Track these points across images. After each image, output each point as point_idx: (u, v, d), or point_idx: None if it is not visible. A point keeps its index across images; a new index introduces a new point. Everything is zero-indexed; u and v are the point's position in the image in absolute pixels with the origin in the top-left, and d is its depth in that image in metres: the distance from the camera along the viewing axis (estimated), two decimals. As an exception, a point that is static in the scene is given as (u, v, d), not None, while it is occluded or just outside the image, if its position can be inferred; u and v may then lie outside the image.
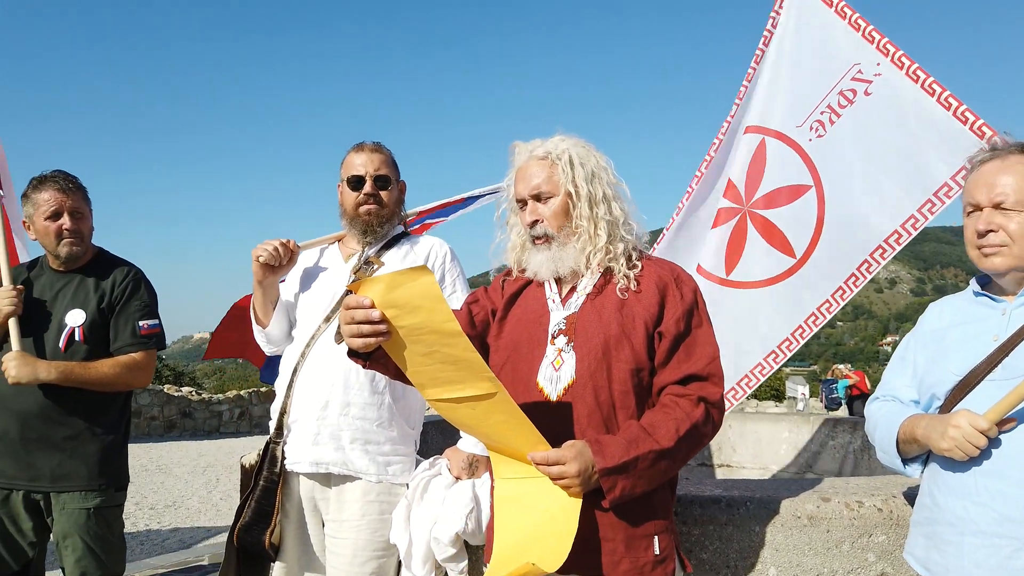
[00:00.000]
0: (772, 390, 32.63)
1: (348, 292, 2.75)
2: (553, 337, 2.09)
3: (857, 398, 19.70)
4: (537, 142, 2.20)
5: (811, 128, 3.77)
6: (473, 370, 1.77)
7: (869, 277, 3.50)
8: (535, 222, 2.14)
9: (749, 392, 3.92)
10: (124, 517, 3.23)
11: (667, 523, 2.06)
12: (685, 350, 2.04)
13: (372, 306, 1.76)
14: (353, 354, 1.96)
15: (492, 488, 2.15)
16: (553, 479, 1.88)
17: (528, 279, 2.25)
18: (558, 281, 2.19)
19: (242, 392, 19.56)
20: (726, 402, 3.95)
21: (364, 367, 2.00)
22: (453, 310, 1.76)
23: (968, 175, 2.09)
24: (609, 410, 2.00)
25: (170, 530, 7.92)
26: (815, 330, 3.70)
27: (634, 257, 2.16)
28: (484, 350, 2.21)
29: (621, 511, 1.94)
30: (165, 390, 17.79)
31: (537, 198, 2.14)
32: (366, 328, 1.77)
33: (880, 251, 3.46)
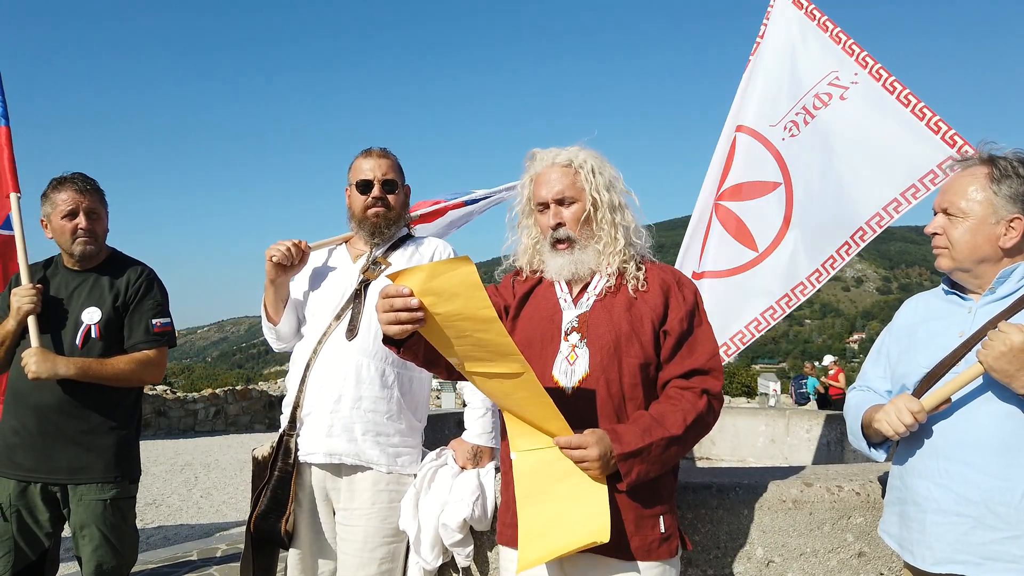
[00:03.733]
0: (743, 387, 33.00)
1: (364, 283, 2.88)
2: (566, 334, 2.26)
3: (836, 399, 19.35)
4: (556, 150, 2.37)
5: (785, 128, 3.92)
6: (504, 352, 1.91)
7: (833, 273, 3.64)
8: (559, 225, 2.30)
9: None
10: None
11: (671, 505, 2.24)
12: (688, 347, 2.23)
13: (411, 294, 1.88)
14: (388, 341, 2.09)
15: (505, 469, 2.30)
16: (575, 462, 2.05)
17: (537, 279, 2.41)
18: (568, 282, 2.35)
19: (217, 391, 19.44)
20: None
21: (398, 354, 2.13)
22: None
23: None
24: (619, 401, 2.18)
25: (155, 528, 7.96)
26: (772, 323, 3.81)
27: (638, 260, 2.35)
28: None
29: (632, 494, 2.12)
30: (140, 389, 17.58)
31: (560, 202, 2.31)
32: (404, 315, 1.89)
33: (846, 247, 3.60)
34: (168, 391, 18.56)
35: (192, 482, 10.97)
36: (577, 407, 2.15)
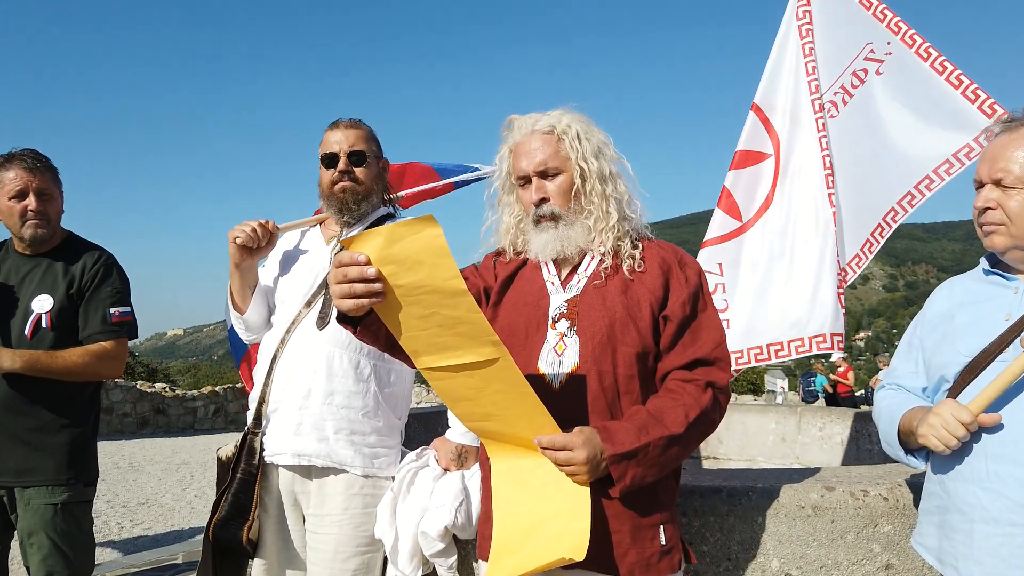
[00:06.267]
0: (750, 384, 32.69)
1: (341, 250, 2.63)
2: (554, 321, 1.99)
3: (846, 398, 19.18)
4: (536, 116, 2.09)
5: (823, 108, 3.75)
6: (476, 333, 1.64)
7: (871, 257, 3.52)
8: (542, 200, 2.03)
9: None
10: (95, 516, 3.08)
11: (672, 513, 1.98)
12: (691, 334, 1.96)
13: (368, 263, 1.61)
14: (343, 319, 1.82)
15: (484, 476, 2.05)
16: (559, 465, 1.79)
17: (522, 261, 2.14)
18: (556, 263, 2.09)
19: (217, 388, 19.28)
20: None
21: (355, 334, 1.86)
22: None
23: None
24: (613, 395, 1.92)
25: (143, 529, 7.74)
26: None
27: (634, 237, 2.08)
28: None
29: (627, 501, 1.86)
30: (138, 386, 17.48)
31: (543, 175, 2.04)
32: (359, 288, 1.62)
33: (879, 230, 3.47)
34: (167, 389, 18.37)
35: (187, 481, 10.75)
36: (565, 403, 1.88)
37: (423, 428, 4.28)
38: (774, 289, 3.82)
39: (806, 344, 3.84)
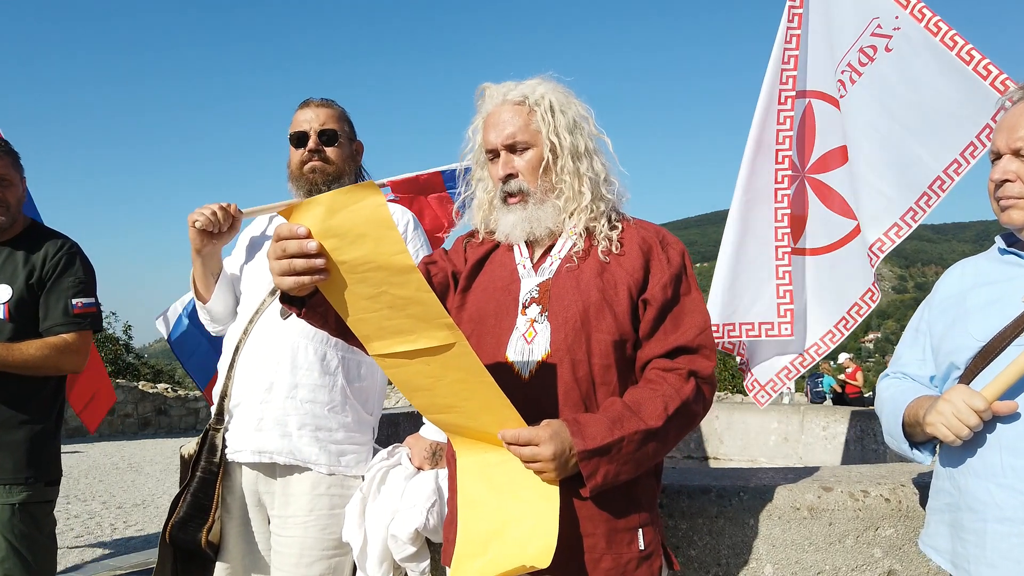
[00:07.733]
0: (756, 385, 32.47)
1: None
2: (524, 306, 1.84)
3: (854, 399, 18.95)
4: (510, 84, 1.94)
5: (835, 88, 3.64)
6: (428, 315, 1.49)
7: (898, 241, 3.36)
8: (509, 176, 1.88)
9: (817, 360, 3.84)
10: (90, 517, 2.93)
11: (652, 515, 1.82)
12: (673, 320, 1.80)
13: (308, 235, 1.44)
14: (287, 300, 1.66)
15: (451, 474, 1.90)
16: (525, 461, 1.64)
17: (494, 243, 2.00)
18: (529, 245, 1.94)
19: (219, 389, 19.19)
20: (794, 367, 3.81)
21: (299, 315, 1.70)
22: None
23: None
24: (588, 386, 1.76)
25: (136, 530, 7.63)
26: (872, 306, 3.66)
27: (613, 218, 1.93)
28: None
29: (601, 501, 1.70)
30: (140, 387, 17.41)
31: (512, 148, 1.89)
32: (299, 263, 1.45)
33: (911, 213, 3.30)
34: (168, 389, 18.28)
35: (185, 482, 10.65)
36: (536, 394, 1.73)
37: (412, 427, 4.13)
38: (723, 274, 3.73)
39: (737, 330, 3.80)
